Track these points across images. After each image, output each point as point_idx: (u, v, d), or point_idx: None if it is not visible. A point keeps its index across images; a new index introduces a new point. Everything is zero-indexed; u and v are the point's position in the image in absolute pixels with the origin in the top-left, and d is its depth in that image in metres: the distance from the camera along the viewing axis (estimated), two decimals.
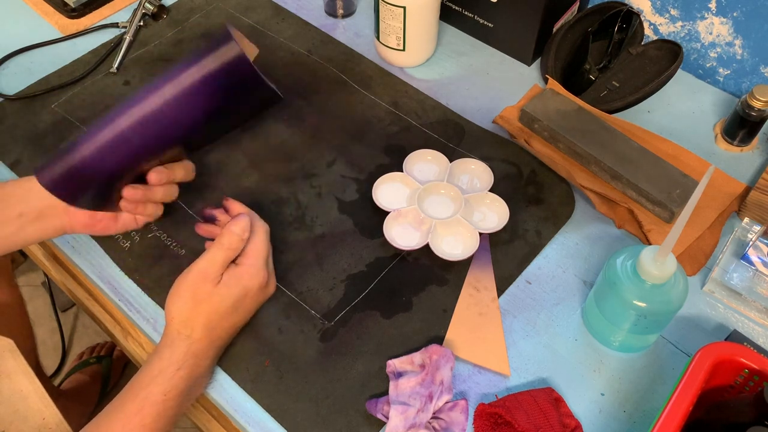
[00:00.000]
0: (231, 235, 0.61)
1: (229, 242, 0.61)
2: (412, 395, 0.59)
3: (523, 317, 0.69)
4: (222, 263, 0.61)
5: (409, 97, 0.88)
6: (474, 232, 0.72)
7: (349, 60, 0.92)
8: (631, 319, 0.61)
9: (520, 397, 0.61)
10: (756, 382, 0.56)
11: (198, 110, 0.63)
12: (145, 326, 0.69)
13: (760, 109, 0.78)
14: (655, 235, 0.72)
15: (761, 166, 0.82)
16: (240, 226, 0.62)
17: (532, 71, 0.92)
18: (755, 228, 0.74)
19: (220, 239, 0.61)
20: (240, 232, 0.62)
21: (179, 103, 0.61)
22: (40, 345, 1.37)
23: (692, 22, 0.89)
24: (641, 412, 0.63)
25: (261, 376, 0.65)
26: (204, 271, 0.60)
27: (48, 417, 0.81)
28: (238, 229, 0.62)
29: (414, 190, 0.76)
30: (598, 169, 0.76)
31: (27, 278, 1.53)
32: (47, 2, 0.98)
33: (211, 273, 0.60)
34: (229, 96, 0.64)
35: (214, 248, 0.61)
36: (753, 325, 0.69)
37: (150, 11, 0.95)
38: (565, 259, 0.73)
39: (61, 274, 1.04)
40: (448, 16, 0.96)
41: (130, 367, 1.40)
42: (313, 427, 0.62)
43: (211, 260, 0.61)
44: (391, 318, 0.68)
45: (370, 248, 0.73)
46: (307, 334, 0.67)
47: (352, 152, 0.82)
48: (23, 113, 0.85)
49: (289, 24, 0.97)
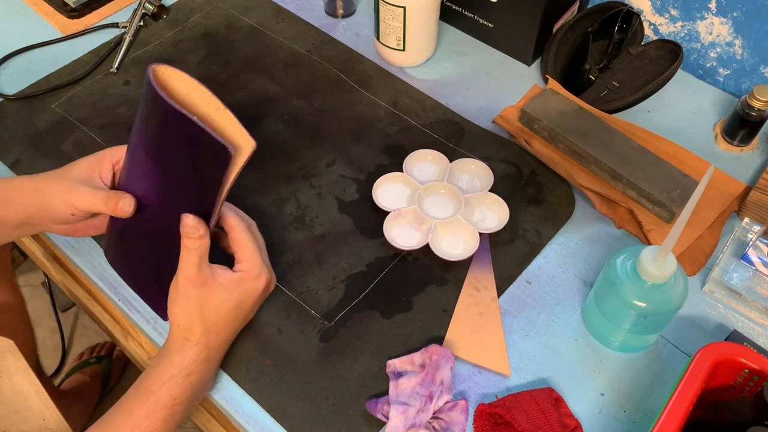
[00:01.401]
0: (185, 237, 0.58)
1: (189, 243, 0.58)
2: (412, 395, 0.59)
3: (523, 317, 0.69)
4: (197, 263, 0.59)
5: (409, 97, 0.88)
6: (474, 232, 0.72)
7: (349, 60, 0.92)
8: (631, 319, 0.61)
9: (520, 397, 0.61)
10: (756, 382, 0.56)
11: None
12: (145, 326, 0.69)
13: (760, 109, 0.78)
14: (655, 235, 0.72)
15: (761, 166, 0.82)
16: (187, 225, 0.58)
17: (532, 71, 0.92)
18: (755, 228, 0.74)
19: (183, 244, 0.59)
20: (190, 230, 0.58)
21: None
22: (40, 345, 1.37)
23: (692, 22, 0.89)
24: (641, 412, 0.63)
25: (261, 376, 0.65)
26: (188, 277, 0.59)
27: (48, 417, 0.81)
28: (187, 229, 0.58)
29: (414, 190, 0.76)
30: (598, 169, 0.76)
31: (27, 278, 1.53)
32: (47, 2, 0.98)
33: (193, 276, 0.59)
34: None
35: (182, 254, 0.59)
36: (753, 325, 0.69)
37: (150, 11, 0.95)
38: (565, 259, 0.73)
39: (61, 274, 1.03)
40: (448, 16, 0.96)
41: (130, 367, 1.40)
42: (313, 427, 0.62)
43: (186, 265, 0.59)
44: (391, 318, 0.68)
45: (370, 248, 0.73)
46: (307, 334, 0.67)
47: (352, 152, 0.82)
48: (23, 113, 0.85)
49: (289, 24, 0.97)
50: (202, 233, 0.58)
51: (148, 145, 0.58)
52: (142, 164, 0.59)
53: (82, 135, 0.83)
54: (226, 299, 0.60)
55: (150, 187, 0.60)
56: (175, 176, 0.58)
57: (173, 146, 0.56)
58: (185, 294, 0.59)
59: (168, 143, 0.57)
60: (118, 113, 0.85)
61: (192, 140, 0.55)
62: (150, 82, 0.54)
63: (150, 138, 0.57)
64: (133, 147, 0.60)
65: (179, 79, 0.56)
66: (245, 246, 0.62)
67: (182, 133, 0.55)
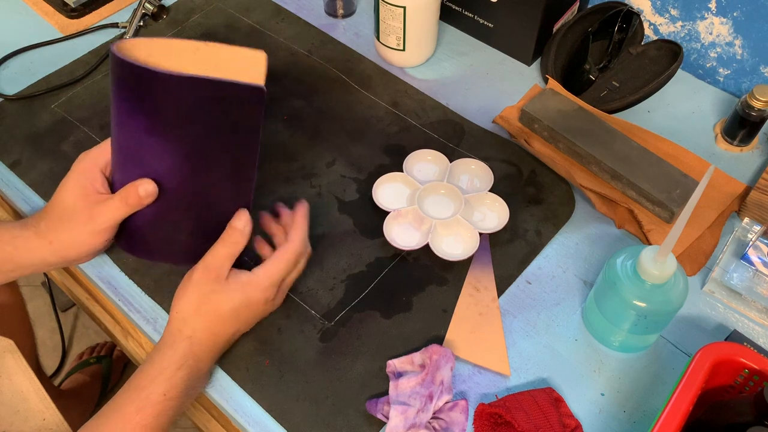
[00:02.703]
0: (232, 230, 0.61)
1: (230, 237, 0.61)
2: (412, 395, 0.59)
3: (523, 317, 0.69)
4: (225, 257, 0.61)
5: (409, 97, 0.88)
6: (474, 232, 0.72)
7: (349, 60, 0.92)
8: (631, 319, 0.61)
9: (520, 397, 0.61)
10: (756, 382, 0.56)
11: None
12: (145, 326, 0.69)
13: (760, 109, 0.78)
14: (655, 235, 0.72)
15: (761, 166, 0.82)
16: (241, 221, 0.62)
17: (532, 71, 0.92)
18: (755, 228, 0.74)
19: (223, 235, 0.62)
20: (241, 227, 0.62)
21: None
22: (40, 345, 1.37)
23: (692, 22, 0.89)
24: (641, 412, 0.63)
25: (261, 376, 0.65)
26: (208, 265, 0.61)
27: (48, 417, 0.81)
28: (239, 224, 0.62)
29: (414, 190, 0.76)
30: (598, 169, 0.76)
31: (27, 278, 1.53)
32: (47, 2, 0.98)
33: (214, 267, 0.60)
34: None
35: (217, 244, 0.61)
36: (753, 325, 0.69)
37: (150, 11, 0.95)
38: (565, 259, 0.73)
39: (61, 274, 1.03)
40: (448, 16, 0.96)
41: (130, 367, 1.40)
42: (313, 427, 0.62)
43: (214, 254, 0.61)
44: (391, 318, 0.68)
45: (370, 248, 0.73)
46: (307, 334, 0.67)
47: (352, 152, 0.82)
48: (23, 113, 0.85)
49: (289, 24, 0.97)
50: (247, 233, 0.62)
51: (152, 127, 0.52)
52: (150, 148, 0.55)
53: (82, 135, 0.83)
54: (227, 300, 0.61)
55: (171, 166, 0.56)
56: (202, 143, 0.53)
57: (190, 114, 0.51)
58: (196, 283, 0.60)
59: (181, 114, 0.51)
60: None
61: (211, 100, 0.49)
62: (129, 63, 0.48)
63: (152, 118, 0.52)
64: (127, 137, 0.55)
65: (141, 47, 0.51)
66: (277, 260, 0.63)
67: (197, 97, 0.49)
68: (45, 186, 0.78)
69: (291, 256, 0.64)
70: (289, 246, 0.64)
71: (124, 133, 0.56)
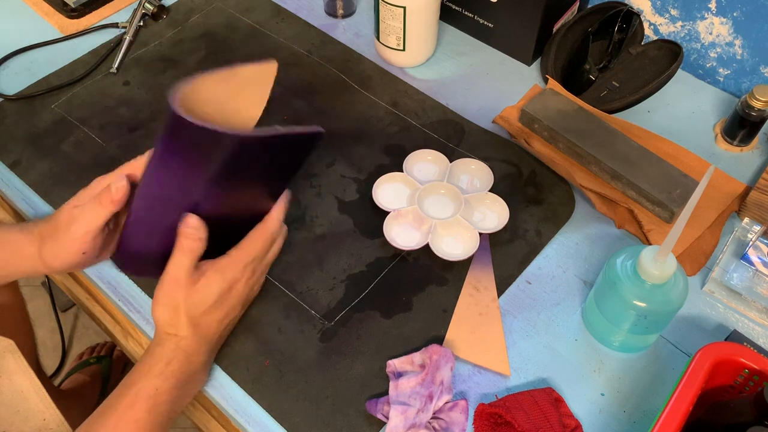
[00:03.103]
0: (184, 237, 0.59)
1: (186, 244, 0.59)
2: (412, 395, 0.59)
3: (523, 317, 0.69)
4: (189, 265, 0.59)
5: (408, 97, 0.88)
6: (474, 232, 0.72)
7: (349, 60, 0.92)
8: (631, 319, 0.61)
9: (520, 397, 0.61)
10: (756, 382, 0.56)
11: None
12: (145, 326, 0.69)
13: (760, 109, 0.78)
14: (655, 235, 0.72)
15: (761, 166, 0.82)
16: (190, 226, 0.58)
17: (532, 71, 0.92)
18: (755, 228, 0.74)
19: (179, 242, 0.59)
20: (192, 232, 0.58)
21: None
22: (40, 345, 1.37)
23: (692, 22, 0.89)
24: (641, 412, 0.63)
25: (261, 376, 0.65)
26: (174, 277, 0.59)
27: (49, 417, 0.81)
28: (188, 230, 0.58)
29: (414, 190, 0.76)
30: (598, 169, 0.76)
31: (27, 278, 1.53)
32: (47, 2, 0.98)
33: (182, 277, 0.59)
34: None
35: (176, 253, 0.59)
36: (753, 325, 0.69)
37: (150, 11, 0.95)
38: (565, 259, 0.73)
39: (61, 274, 1.03)
40: (448, 16, 0.96)
41: (129, 367, 1.40)
42: (313, 427, 0.62)
43: (177, 266, 0.59)
44: (391, 318, 0.68)
45: (370, 248, 0.73)
46: (307, 334, 0.67)
47: (352, 152, 0.82)
48: (23, 113, 0.85)
49: (289, 24, 0.97)
50: (202, 236, 0.59)
51: (210, 178, 0.54)
52: (199, 195, 0.56)
53: (82, 135, 0.83)
54: (208, 294, 0.60)
55: (215, 205, 0.58)
56: (254, 182, 0.57)
57: (255, 163, 0.54)
58: (169, 293, 0.59)
59: (248, 166, 0.54)
60: (117, 113, 0.85)
61: (280, 149, 0.52)
62: (195, 124, 0.49)
63: (214, 169, 0.53)
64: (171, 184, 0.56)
65: (190, 97, 0.52)
66: (252, 240, 0.62)
67: (268, 151, 0.52)
68: (45, 186, 0.78)
69: (266, 235, 0.63)
70: (264, 225, 0.63)
71: (168, 180, 0.57)
